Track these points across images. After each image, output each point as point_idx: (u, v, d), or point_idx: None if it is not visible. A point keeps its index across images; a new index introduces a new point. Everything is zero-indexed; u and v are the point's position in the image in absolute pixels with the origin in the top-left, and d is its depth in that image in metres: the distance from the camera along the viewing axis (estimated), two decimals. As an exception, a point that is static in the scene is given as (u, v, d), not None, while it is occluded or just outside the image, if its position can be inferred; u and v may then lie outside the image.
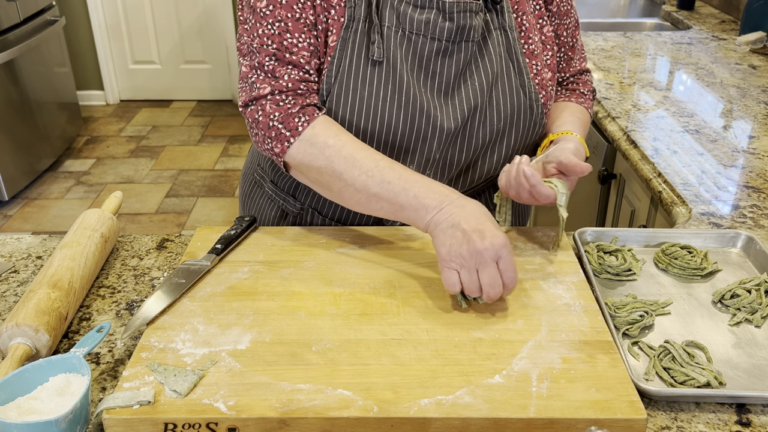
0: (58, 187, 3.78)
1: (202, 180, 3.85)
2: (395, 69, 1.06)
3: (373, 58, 1.05)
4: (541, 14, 1.16)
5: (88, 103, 4.86)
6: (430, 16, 1.05)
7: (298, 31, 1.03)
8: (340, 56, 1.05)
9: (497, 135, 1.13)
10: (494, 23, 1.11)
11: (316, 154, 1.01)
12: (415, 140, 1.08)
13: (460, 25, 1.06)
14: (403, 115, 1.06)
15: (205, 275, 1.02)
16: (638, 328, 0.93)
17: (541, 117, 1.15)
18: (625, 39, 2.44)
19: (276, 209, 1.27)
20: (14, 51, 3.42)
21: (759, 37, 2.29)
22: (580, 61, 1.28)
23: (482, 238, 0.90)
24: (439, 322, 0.92)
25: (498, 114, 1.11)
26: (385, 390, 0.80)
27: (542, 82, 1.14)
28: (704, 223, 1.25)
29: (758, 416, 0.81)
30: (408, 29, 1.06)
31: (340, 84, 1.05)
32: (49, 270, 0.97)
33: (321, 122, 1.02)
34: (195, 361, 0.84)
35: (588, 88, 1.28)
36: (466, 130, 1.11)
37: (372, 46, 1.05)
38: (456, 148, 1.11)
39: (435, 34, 1.06)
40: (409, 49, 1.06)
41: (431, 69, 1.08)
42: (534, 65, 1.14)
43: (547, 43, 1.17)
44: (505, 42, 1.12)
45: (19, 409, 0.75)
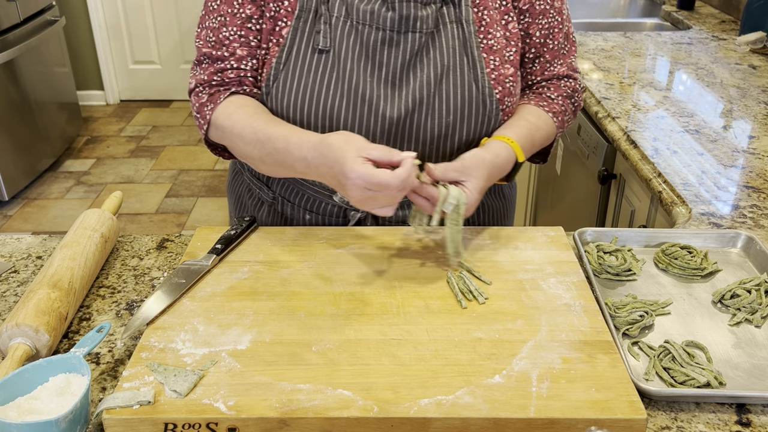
0: (58, 187, 3.78)
1: (202, 180, 3.85)
2: (340, 58, 1.09)
3: (318, 48, 1.09)
4: (507, 10, 1.14)
5: (88, 103, 4.86)
6: (374, 6, 1.08)
7: (233, 24, 1.12)
8: (290, 45, 1.10)
9: (447, 128, 1.12)
10: (450, 16, 1.11)
11: (221, 136, 1.13)
12: (358, 128, 1.10)
13: (404, 15, 1.08)
14: (345, 103, 1.09)
15: (205, 275, 1.02)
16: (638, 328, 0.93)
17: (496, 113, 1.13)
18: (625, 39, 2.44)
19: (253, 198, 1.29)
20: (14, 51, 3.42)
21: (759, 37, 2.29)
22: (561, 66, 1.22)
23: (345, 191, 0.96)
24: (439, 322, 0.92)
25: (447, 107, 1.11)
26: (385, 390, 0.80)
27: (500, 77, 1.13)
28: (704, 223, 1.25)
29: (758, 416, 0.81)
30: (355, 19, 1.09)
31: (286, 71, 1.10)
32: (49, 270, 0.97)
33: (222, 106, 1.12)
34: (195, 361, 0.84)
35: (560, 92, 1.22)
36: (413, 121, 1.11)
37: (318, 35, 1.09)
38: (403, 139, 1.12)
39: (379, 23, 1.08)
40: (356, 39, 1.09)
41: (377, 59, 1.10)
42: (492, 60, 1.12)
43: (511, 40, 1.15)
44: (460, 35, 1.11)
45: (19, 409, 0.75)
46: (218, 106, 1.12)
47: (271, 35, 1.11)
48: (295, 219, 1.24)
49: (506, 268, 1.04)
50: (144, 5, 4.64)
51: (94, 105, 4.88)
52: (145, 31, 4.72)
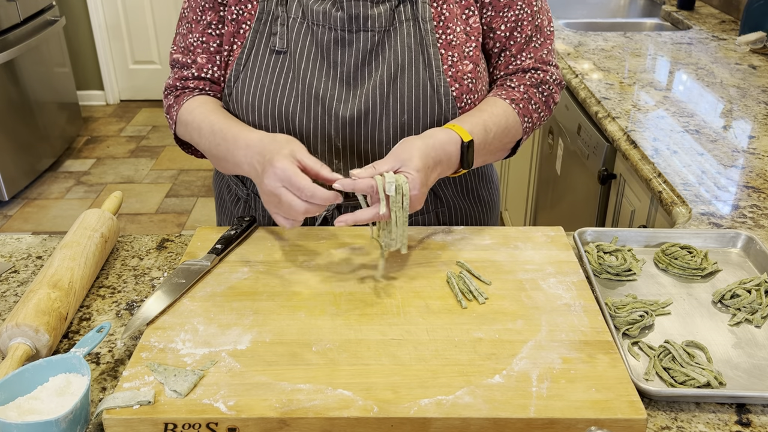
0: (58, 187, 3.78)
1: (202, 180, 3.85)
2: (296, 59, 1.11)
3: (275, 49, 1.12)
4: (467, 4, 1.12)
5: (88, 103, 4.86)
6: (326, 6, 1.09)
7: (197, 31, 1.17)
8: (250, 47, 1.13)
9: (402, 128, 1.11)
10: (406, 14, 1.11)
11: (183, 132, 1.18)
12: (314, 127, 1.12)
13: (353, 15, 1.08)
14: (300, 103, 1.11)
15: (205, 275, 1.02)
16: (638, 328, 0.93)
17: (453, 111, 1.11)
18: (625, 39, 2.44)
19: (231, 194, 1.31)
20: (14, 51, 3.42)
21: (759, 37, 2.29)
22: (528, 60, 1.18)
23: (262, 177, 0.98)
24: (439, 322, 0.92)
25: (402, 106, 1.11)
26: (385, 390, 0.80)
27: (457, 74, 1.11)
28: (704, 223, 1.25)
29: (758, 416, 0.81)
30: (310, 20, 1.11)
31: (245, 72, 1.13)
32: (49, 270, 0.97)
33: (186, 105, 1.17)
34: (195, 361, 0.84)
35: (522, 81, 1.17)
36: (368, 121, 1.11)
37: (274, 37, 1.12)
38: (360, 139, 1.12)
39: (331, 23, 1.09)
40: (312, 40, 1.11)
41: (332, 59, 1.11)
42: (450, 56, 1.11)
43: (471, 35, 1.13)
44: (417, 33, 1.11)
45: (19, 409, 0.75)
46: (183, 105, 1.17)
47: (234, 37, 1.14)
48: (267, 215, 1.24)
49: (506, 268, 1.04)
50: (144, 5, 4.64)
51: (94, 105, 4.88)
52: (145, 31, 4.72)
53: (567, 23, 2.78)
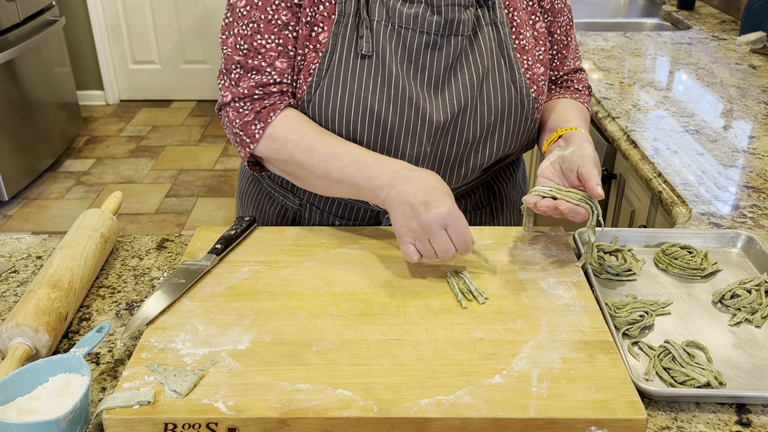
0: (58, 187, 3.78)
1: (202, 180, 3.85)
2: (384, 62, 1.07)
3: (362, 53, 1.07)
4: (533, 10, 1.16)
5: (88, 103, 4.86)
6: (418, 10, 1.07)
7: (268, 32, 1.08)
8: (332, 51, 1.08)
9: (488, 129, 1.13)
10: (485, 18, 1.12)
11: (278, 149, 1.08)
12: (405, 133, 1.09)
13: (449, 19, 1.07)
14: (392, 108, 1.08)
15: (205, 275, 1.02)
16: (638, 328, 0.93)
17: (532, 112, 1.15)
18: (625, 39, 2.44)
19: (275, 205, 1.28)
20: (14, 51, 3.42)
21: (759, 37, 2.29)
22: (574, 60, 1.28)
23: (427, 210, 0.95)
24: (439, 322, 0.92)
25: (489, 108, 1.12)
26: (385, 390, 0.80)
27: (533, 77, 1.14)
28: (704, 223, 1.25)
29: (758, 416, 0.81)
30: (397, 23, 1.07)
31: (329, 78, 1.08)
32: (49, 270, 0.97)
33: (280, 119, 1.08)
34: (195, 361, 0.84)
35: (583, 84, 1.28)
36: (457, 124, 1.11)
37: (360, 40, 1.07)
38: (447, 142, 1.12)
39: (424, 27, 1.07)
40: (398, 43, 1.08)
41: (421, 62, 1.09)
42: (525, 60, 1.14)
43: (539, 39, 1.17)
44: (496, 37, 1.12)
45: (19, 409, 0.75)
46: (275, 120, 1.07)
47: (307, 41, 1.08)
48: (325, 225, 1.23)
49: (506, 268, 1.04)
50: (144, 5, 4.64)
51: (94, 105, 4.88)
52: (145, 31, 4.72)
53: (567, 23, 2.77)
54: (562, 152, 1.07)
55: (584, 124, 1.16)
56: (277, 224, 1.27)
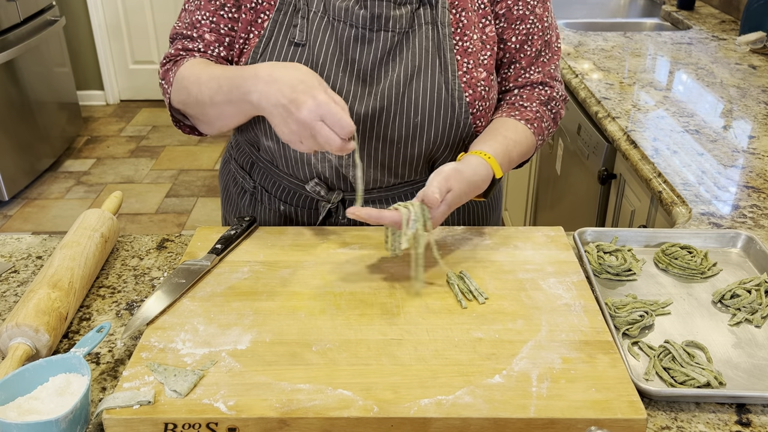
0: (58, 187, 3.78)
1: (202, 180, 3.85)
2: (314, 52, 1.10)
3: (294, 41, 1.10)
4: (485, 13, 1.14)
5: (88, 103, 4.86)
6: (349, 4, 1.09)
7: (207, 10, 1.14)
8: (269, 36, 1.11)
9: (415, 129, 1.12)
10: (425, 17, 1.11)
11: (179, 88, 1.12)
12: None
13: (375, 14, 1.08)
14: None
15: (205, 275, 1.02)
16: (638, 328, 0.93)
17: (465, 116, 1.13)
18: (625, 39, 2.44)
19: (237, 186, 1.31)
20: (14, 51, 3.42)
21: (759, 37, 2.29)
22: (536, 73, 1.19)
23: (298, 108, 0.94)
24: (439, 322, 0.92)
25: (416, 107, 1.11)
26: (385, 390, 0.80)
27: (471, 81, 1.12)
28: (704, 223, 1.25)
29: (758, 416, 0.81)
30: (331, 15, 1.10)
31: (262, 61, 1.11)
32: (49, 270, 0.97)
33: (187, 63, 1.12)
34: (195, 361, 0.84)
35: (534, 99, 1.19)
36: (382, 121, 1.11)
37: (294, 29, 1.10)
38: (372, 138, 1.12)
39: (353, 20, 1.09)
40: (331, 35, 1.10)
41: (350, 55, 1.10)
42: (465, 63, 1.12)
43: (487, 43, 1.14)
44: (435, 37, 1.11)
45: (19, 409, 0.75)
46: (182, 65, 1.13)
47: (252, 26, 1.13)
48: (272, 209, 1.25)
49: (506, 268, 1.04)
50: (144, 5, 4.64)
51: (94, 105, 4.88)
52: (145, 31, 4.72)
53: (567, 23, 2.78)
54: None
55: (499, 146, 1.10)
56: (239, 205, 1.31)
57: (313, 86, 0.95)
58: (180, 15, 1.20)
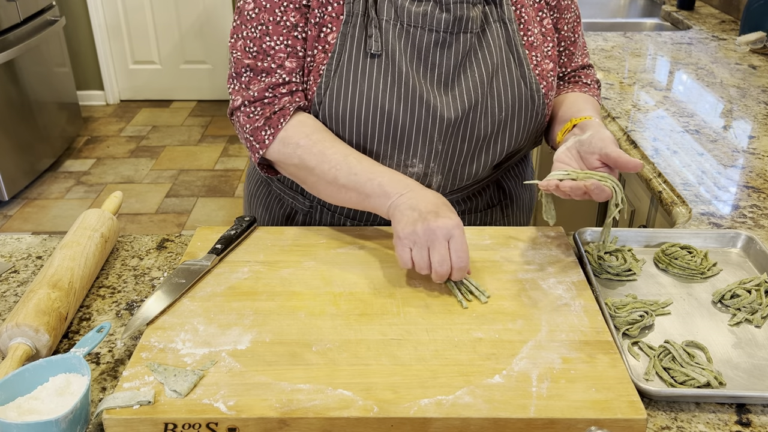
0: (58, 187, 3.78)
1: (202, 180, 3.85)
2: (394, 61, 1.08)
3: (371, 52, 1.07)
4: (540, 6, 1.17)
5: (88, 103, 4.86)
6: (427, 8, 1.07)
7: (277, 34, 1.08)
8: (340, 51, 1.08)
9: (499, 126, 1.13)
10: (493, 15, 1.12)
11: (289, 153, 1.08)
12: (416, 131, 1.10)
13: (457, 16, 1.08)
14: (402, 106, 1.08)
15: (205, 275, 1.02)
16: (638, 328, 0.93)
17: (542, 107, 1.15)
18: (625, 39, 2.44)
19: (284, 207, 1.28)
20: (14, 51, 3.42)
21: (759, 37, 2.29)
22: (582, 57, 1.29)
23: (436, 218, 0.95)
24: (439, 322, 0.92)
25: (499, 105, 1.12)
26: (385, 390, 0.80)
27: (542, 72, 1.15)
28: (704, 223, 1.25)
29: (758, 416, 0.81)
30: (406, 22, 1.08)
31: (339, 78, 1.08)
32: (49, 270, 0.97)
33: (292, 124, 1.08)
34: (195, 361, 0.84)
35: (591, 79, 1.28)
36: (468, 121, 1.11)
37: (369, 39, 1.07)
38: (458, 139, 1.12)
39: (432, 25, 1.08)
40: (407, 42, 1.08)
41: (430, 60, 1.09)
42: (534, 56, 1.14)
43: (547, 35, 1.17)
44: (505, 34, 1.13)
45: (19, 409, 0.75)
46: (289, 123, 1.08)
47: (316, 42, 1.09)
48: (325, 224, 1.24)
49: (506, 268, 1.04)
50: (144, 5, 4.64)
51: (94, 105, 4.88)
52: (145, 31, 4.72)
53: (567, 23, 2.77)
54: (579, 137, 1.06)
55: (597, 114, 1.16)
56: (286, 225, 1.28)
57: (454, 211, 0.97)
58: (235, 45, 1.10)
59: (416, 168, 1.13)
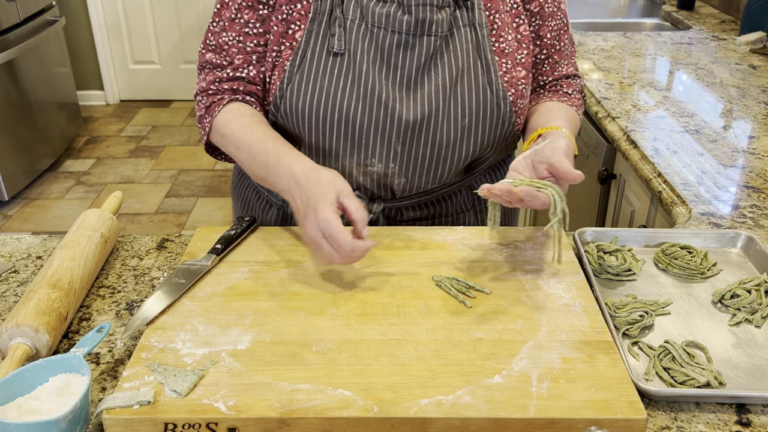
0: (58, 187, 3.78)
1: (202, 180, 3.85)
2: (355, 61, 1.09)
3: (333, 51, 1.09)
4: (518, 13, 1.15)
5: (88, 103, 4.86)
6: (390, 9, 1.08)
7: (232, 30, 1.13)
8: (305, 48, 1.10)
9: (462, 131, 1.12)
10: (463, 19, 1.11)
11: (222, 142, 1.14)
12: (374, 131, 1.10)
13: (419, 19, 1.07)
14: (361, 106, 1.09)
15: (205, 275, 1.02)
16: (638, 328, 0.93)
17: (509, 115, 1.14)
18: (625, 39, 2.44)
19: (261, 200, 1.29)
20: (14, 51, 3.42)
21: (759, 37, 2.29)
22: (567, 66, 1.25)
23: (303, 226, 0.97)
24: (439, 322, 0.92)
25: (462, 110, 1.11)
26: (385, 390, 0.80)
27: (512, 80, 1.13)
28: (704, 223, 1.25)
29: (758, 416, 0.81)
30: (371, 22, 1.08)
31: (301, 74, 1.10)
32: (49, 270, 0.97)
33: (221, 114, 1.13)
34: (195, 361, 0.84)
35: (573, 88, 1.25)
36: (430, 125, 1.11)
37: (333, 38, 1.09)
38: (420, 143, 1.12)
39: (395, 27, 1.08)
40: (371, 42, 1.09)
41: (393, 62, 1.09)
42: (504, 63, 1.13)
43: (522, 42, 1.16)
44: (474, 39, 1.12)
45: (19, 409, 0.75)
46: (218, 115, 1.13)
47: (283, 38, 1.11)
48: None
49: (506, 268, 1.04)
50: (144, 5, 4.64)
51: (94, 105, 4.88)
52: (145, 31, 4.72)
53: (567, 23, 2.77)
54: (536, 147, 1.04)
55: (568, 125, 1.13)
56: (262, 218, 1.30)
57: (319, 200, 0.95)
58: (205, 37, 1.17)
59: (376, 168, 1.14)
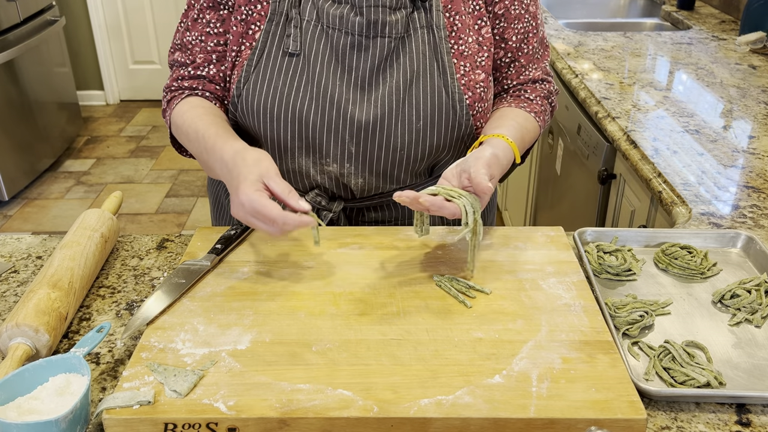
0: (58, 187, 3.78)
1: (202, 180, 3.85)
2: (310, 61, 1.10)
3: (289, 51, 1.10)
4: (480, 15, 1.14)
5: (88, 103, 4.86)
6: (344, 11, 1.08)
7: (194, 29, 1.16)
8: (261, 48, 1.12)
9: (417, 134, 1.12)
10: (420, 21, 1.11)
11: (177, 133, 1.16)
12: (327, 131, 1.11)
13: (372, 20, 1.08)
14: (314, 106, 1.10)
15: (205, 275, 1.02)
16: (638, 328, 0.93)
17: (466, 118, 1.13)
18: (625, 39, 2.44)
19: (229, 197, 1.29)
20: (14, 51, 3.42)
21: (759, 37, 2.29)
22: (535, 71, 1.22)
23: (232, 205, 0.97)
24: (439, 322, 0.92)
25: (417, 113, 1.11)
26: (385, 390, 0.80)
27: (470, 83, 1.12)
28: (704, 223, 1.25)
29: (758, 416, 0.81)
30: (326, 23, 1.10)
31: (257, 74, 1.12)
32: (49, 270, 0.97)
33: (178, 107, 1.15)
34: (195, 361, 0.84)
35: (537, 94, 1.21)
36: (384, 127, 1.11)
37: (288, 39, 1.10)
38: (375, 144, 1.12)
39: (348, 28, 1.08)
40: (326, 43, 1.10)
41: (347, 63, 1.10)
42: (462, 66, 1.12)
43: (483, 45, 1.14)
44: (431, 41, 1.11)
45: (19, 409, 0.75)
46: (174, 108, 1.16)
47: (243, 38, 1.12)
48: None
49: (506, 268, 1.04)
50: (144, 5, 4.64)
51: (94, 105, 4.88)
52: (145, 31, 4.72)
53: (567, 23, 2.78)
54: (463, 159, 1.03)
55: (515, 132, 1.10)
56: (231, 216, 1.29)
57: (241, 181, 0.95)
58: (174, 35, 1.21)
59: (331, 167, 1.15)
